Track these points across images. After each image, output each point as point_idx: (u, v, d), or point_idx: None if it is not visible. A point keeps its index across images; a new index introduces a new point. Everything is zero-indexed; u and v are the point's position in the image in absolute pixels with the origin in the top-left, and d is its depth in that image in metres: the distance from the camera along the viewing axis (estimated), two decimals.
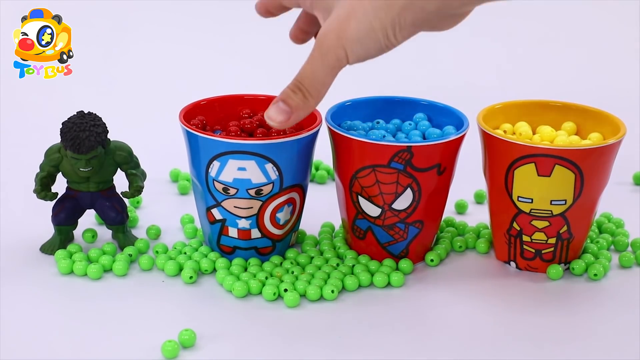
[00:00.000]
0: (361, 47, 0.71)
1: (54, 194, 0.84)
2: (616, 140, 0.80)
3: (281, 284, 0.79)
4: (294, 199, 0.81)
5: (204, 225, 0.83)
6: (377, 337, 0.74)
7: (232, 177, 0.78)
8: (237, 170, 0.78)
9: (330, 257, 0.83)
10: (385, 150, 0.78)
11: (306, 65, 0.73)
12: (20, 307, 0.77)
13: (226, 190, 0.79)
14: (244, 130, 0.83)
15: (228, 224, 0.81)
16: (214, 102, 0.86)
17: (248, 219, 0.80)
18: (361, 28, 0.70)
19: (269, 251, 0.82)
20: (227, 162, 0.78)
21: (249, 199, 0.79)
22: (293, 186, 0.81)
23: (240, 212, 0.80)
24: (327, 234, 0.87)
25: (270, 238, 0.82)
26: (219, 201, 0.80)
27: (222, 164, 0.78)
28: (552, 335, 0.75)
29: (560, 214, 0.80)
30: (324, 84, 0.73)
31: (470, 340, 0.74)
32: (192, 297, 0.79)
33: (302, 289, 0.78)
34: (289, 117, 0.74)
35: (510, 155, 0.79)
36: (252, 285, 0.79)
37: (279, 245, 0.83)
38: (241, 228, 0.81)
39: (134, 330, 0.74)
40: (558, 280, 0.82)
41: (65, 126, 0.80)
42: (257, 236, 0.81)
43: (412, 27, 0.70)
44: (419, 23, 0.70)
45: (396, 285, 0.81)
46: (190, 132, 0.79)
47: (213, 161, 0.78)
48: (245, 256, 0.82)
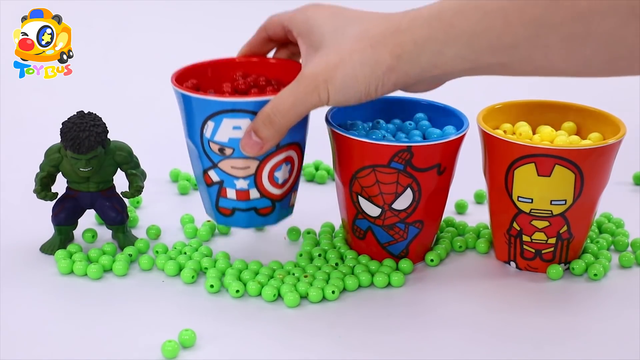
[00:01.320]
0: (343, 95, 0.73)
1: (54, 194, 0.84)
2: (616, 140, 0.80)
3: (282, 285, 0.79)
4: (291, 157, 0.80)
5: (202, 190, 0.82)
6: (377, 337, 0.74)
7: (227, 137, 0.77)
8: (232, 130, 0.77)
9: (331, 258, 0.83)
10: (385, 150, 0.78)
11: (286, 98, 0.74)
12: (20, 307, 0.77)
13: (222, 151, 0.78)
14: (238, 91, 0.82)
15: (226, 186, 0.80)
16: (206, 66, 0.85)
17: (246, 179, 0.79)
18: (347, 79, 0.72)
19: (269, 212, 0.81)
20: (222, 121, 0.76)
21: (246, 158, 0.78)
22: (290, 144, 0.79)
23: (238, 173, 0.79)
24: (327, 234, 0.87)
25: (270, 198, 0.81)
26: (215, 162, 0.79)
27: (216, 124, 0.77)
28: (552, 335, 0.75)
29: (560, 214, 0.80)
30: (297, 117, 0.75)
31: (470, 340, 0.74)
32: (192, 297, 0.79)
33: (304, 291, 0.78)
34: (260, 149, 0.76)
35: (510, 155, 0.79)
36: (251, 287, 0.79)
37: (279, 205, 0.81)
38: (239, 189, 0.79)
39: (134, 330, 0.74)
40: (558, 280, 0.82)
41: (65, 126, 0.80)
42: (256, 196, 0.80)
43: (393, 87, 0.74)
44: (400, 84, 0.74)
45: (396, 285, 0.81)
46: (183, 94, 0.78)
47: (207, 121, 0.77)
48: (245, 219, 0.81)
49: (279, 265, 0.83)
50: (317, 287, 0.78)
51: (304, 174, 1.01)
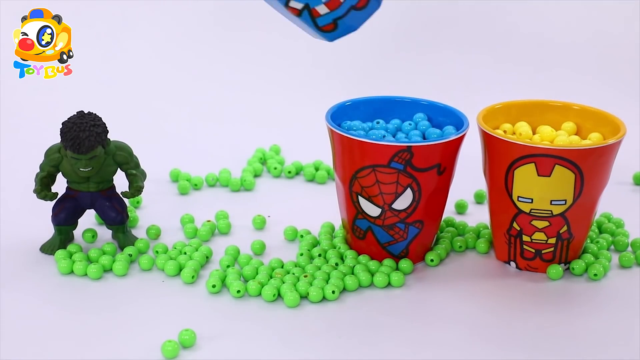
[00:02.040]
0: None
1: (54, 194, 0.84)
2: (616, 140, 0.80)
3: (282, 285, 0.79)
4: None
5: (299, 25, 0.78)
6: (377, 337, 0.74)
7: None
8: None
9: (331, 258, 0.83)
10: (385, 150, 0.78)
11: None
12: (20, 307, 0.77)
13: None
14: None
15: (313, 5, 0.75)
16: None
17: None
18: None
19: (365, 3, 0.76)
20: None
21: None
22: None
23: None
24: (327, 234, 0.87)
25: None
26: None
27: None
28: (552, 335, 0.75)
29: (560, 214, 0.80)
30: None
31: (470, 340, 0.74)
32: (192, 297, 0.79)
33: (304, 291, 0.78)
34: None
35: (510, 155, 0.79)
36: (252, 287, 0.79)
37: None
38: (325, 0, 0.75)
39: (134, 330, 0.74)
40: (558, 280, 0.82)
41: (65, 126, 0.80)
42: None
43: None
44: None
45: (396, 285, 0.81)
46: None
47: None
48: (350, 21, 0.76)
49: (280, 264, 0.83)
50: (317, 287, 0.78)
51: (304, 174, 1.01)
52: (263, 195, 0.97)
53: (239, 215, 0.92)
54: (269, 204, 0.95)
